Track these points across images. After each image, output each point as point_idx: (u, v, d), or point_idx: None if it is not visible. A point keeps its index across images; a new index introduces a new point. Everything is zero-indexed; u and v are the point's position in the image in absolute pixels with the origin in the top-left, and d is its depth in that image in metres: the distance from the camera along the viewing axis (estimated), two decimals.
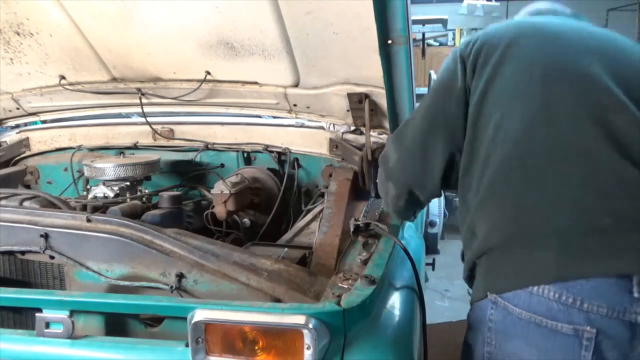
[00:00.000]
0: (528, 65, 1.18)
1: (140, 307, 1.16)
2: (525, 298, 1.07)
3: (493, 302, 1.13)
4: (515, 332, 1.09)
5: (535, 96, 1.15)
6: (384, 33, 1.37)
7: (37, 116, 2.56)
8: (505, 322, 1.11)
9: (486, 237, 1.15)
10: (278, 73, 1.95)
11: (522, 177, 1.12)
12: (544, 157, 1.11)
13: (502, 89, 1.18)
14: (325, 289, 1.20)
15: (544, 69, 1.16)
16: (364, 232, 1.48)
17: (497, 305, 1.12)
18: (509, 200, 1.13)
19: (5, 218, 1.44)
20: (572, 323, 1.02)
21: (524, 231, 1.10)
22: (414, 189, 1.36)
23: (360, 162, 1.93)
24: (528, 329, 1.07)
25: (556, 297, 1.03)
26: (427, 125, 1.30)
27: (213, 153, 2.42)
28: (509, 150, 1.14)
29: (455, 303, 3.94)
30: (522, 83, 1.17)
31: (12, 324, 1.34)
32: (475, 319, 1.20)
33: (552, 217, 1.07)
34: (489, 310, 1.14)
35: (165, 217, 1.86)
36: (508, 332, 1.11)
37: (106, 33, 1.95)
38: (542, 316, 1.05)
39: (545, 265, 1.05)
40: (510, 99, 1.17)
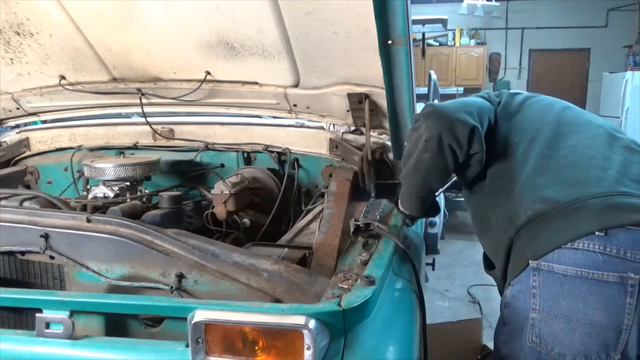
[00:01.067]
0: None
1: (140, 307, 1.16)
2: (569, 255, 1.16)
3: (535, 269, 1.21)
4: (562, 290, 1.17)
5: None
6: (384, 33, 1.37)
7: (37, 116, 2.56)
8: (551, 284, 1.19)
9: (528, 211, 1.28)
10: (278, 73, 1.95)
11: (558, 158, 1.35)
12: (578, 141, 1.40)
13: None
14: (325, 289, 1.20)
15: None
16: (364, 233, 1.48)
17: (539, 270, 1.21)
18: (550, 177, 1.30)
19: (6, 218, 1.44)
20: (617, 271, 1.12)
21: (564, 200, 1.23)
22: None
23: (360, 162, 1.93)
24: (574, 284, 1.15)
25: (601, 249, 1.14)
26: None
27: (213, 153, 2.42)
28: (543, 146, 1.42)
29: (455, 303, 3.94)
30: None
31: (12, 324, 1.34)
32: (516, 293, 1.28)
33: (587, 187, 1.23)
34: (531, 278, 1.22)
35: (165, 217, 1.86)
36: (553, 293, 1.18)
37: (106, 33, 1.95)
38: (588, 268, 1.14)
39: (586, 219, 1.17)
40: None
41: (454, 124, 1.38)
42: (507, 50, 11.11)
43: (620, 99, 8.25)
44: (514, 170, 1.41)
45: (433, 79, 4.96)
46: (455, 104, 1.49)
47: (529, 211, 1.28)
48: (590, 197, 1.22)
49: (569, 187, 1.27)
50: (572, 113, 1.56)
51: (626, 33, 10.12)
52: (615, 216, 1.16)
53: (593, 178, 1.27)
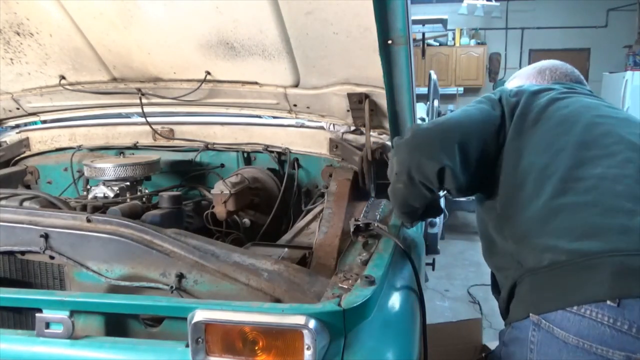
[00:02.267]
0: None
1: (140, 307, 1.16)
2: (574, 320, 1.03)
3: (535, 324, 1.11)
4: (560, 357, 1.06)
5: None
6: (384, 33, 1.37)
7: (37, 116, 2.56)
8: (549, 345, 1.08)
9: (536, 259, 1.14)
10: (278, 73, 1.95)
11: (574, 203, 1.16)
12: (596, 180, 1.16)
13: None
14: (325, 289, 1.20)
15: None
16: (364, 233, 1.48)
17: (539, 327, 1.10)
18: (566, 219, 1.14)
19: (6, 218, 1.44)
20: (625, 350, 0.98)
21: (577, 251, 1.07)
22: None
23: (360, 162, 1.93)
24: (575, 354, 1.03)
25: (610, 322, 0.99)
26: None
27: (213, 153, 2.42)
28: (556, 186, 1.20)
29: (455, 303, 3.94)
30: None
31: (12, 324, 1.34)
32: (514, 338, 1.18)
33: (607, 239, 1.05)
34: (530, 332, 1.12)
35: (165, 217, 1.86)
36: (552, 356, 1.07)
37: (106, 33, 1.95)
38: (592, 342, 1.00)
39: (599, 283, 1.01)
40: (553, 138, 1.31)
41: (422, 162, 1.30)
42: (507, 50, 11.12)
43: (620, 99, 8.25)
44: (524, 201, 1.24)
45: (433, 79, 4.96)
46: (436, 132, 1.35)
47: (537, 259, 1.14)
48: (608, 253, 1.03)
49: (585, 237, 1.08)
50: (604, 126, 1.29)
51: (626, 33, 10.13)
52: (633, 284, 0.99)
53: (616, 227, 1.06)
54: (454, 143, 1.30)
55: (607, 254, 1.03)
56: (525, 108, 1.39)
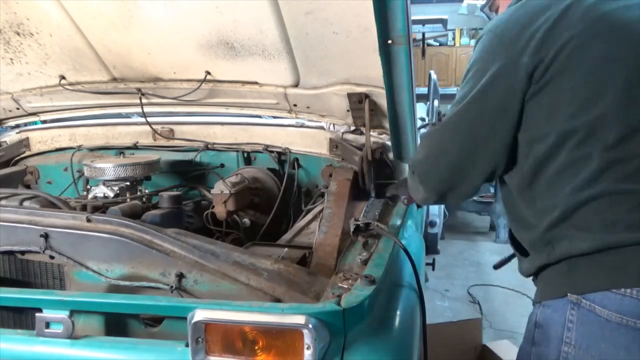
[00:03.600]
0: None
1: (140, 307, 1.16)
2: (616, 300, 1.06)
3: (574, 303, 1.12)
4: (603, 334, 1.08)
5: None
6: (384, 33, 1.37)
7: (37, 116, 2.56)
8: (590, 323, 1.10)
9: (574, 245, 1.13)
10: (278, 73, 1.95)
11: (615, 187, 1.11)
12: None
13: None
14: (325, 289, 1.20)
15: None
16: (364, 232, 1.48)
17: (579, 306, 1.11)
18: (605, 207, 1.11)
19: (5, 218, 1.44)
20: None
21: (617, 237, 1.08)
22: (448, 193, 1.32)
23: (360, 162, 1.93)
24: (618, 331, 1.06)
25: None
26: (472, 127, 1.23)
27: (213, 153, 2.42)
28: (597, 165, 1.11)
29: (455, 303, 3.95)
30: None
31: (12, 324, 1.34)
32: (548, 317, 1.18)
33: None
34: (568, 311, 1.13)
35: (165, 217, 1.86)
36: (593, 333, 1.09)
37: (106, 33, 1.95)
38: (635, 318, 1.04)
39: (633, 271, 1.05)
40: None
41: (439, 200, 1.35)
42: None
43: None
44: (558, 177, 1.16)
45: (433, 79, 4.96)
46: (439, 169, 1.28)
47: (575, 244, 1.13)
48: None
49: (627, 230, 1.08)
50: None
51: None
52: None
53: None
54: (461, 180, 1.27)
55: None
56: (548, 65, 1.14)
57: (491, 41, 1.22)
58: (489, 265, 4.17)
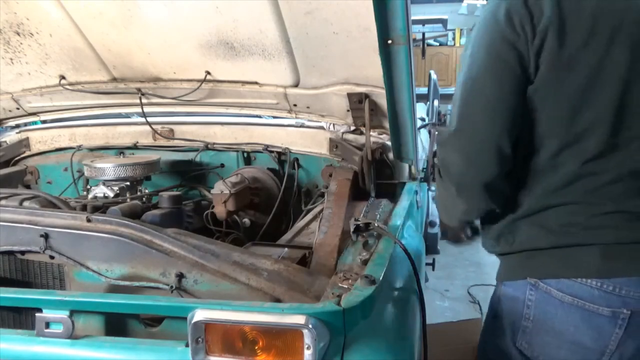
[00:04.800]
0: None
1: (140, 307, 1.16)
2: (568, 284, 1.19)
3: (533, 285, 1.25)
4: (556, 312, 1.22)
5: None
6: (384, 33, 1.37)
7: (37, 116, 2.56)
8: (546, 303, 1.23)
9: (532, 241, 1.25)
10: (278, 73, 1.95)
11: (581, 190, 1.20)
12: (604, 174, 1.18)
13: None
14: (325, 289, 1.19)
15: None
16: (364, 232, 1.48)
17: (537, 288, 1.24)
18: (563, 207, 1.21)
19: (5, 218, 1.44)
20: (610, 307, 1.17)
21: (574, 239, 1.20)
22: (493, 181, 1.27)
23: (360, 162, 1.93)
24: (569, 310, 1.20)
25: (598, 286, 1.17)
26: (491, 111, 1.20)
27: (213, 153, 2.42)
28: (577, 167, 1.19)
29: (455, 303, 3.94)
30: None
31: (12, 324, 1.34)
32: (508, 294, 1.32)
33: (599, 230, 1.18)
34: (527, 291, 1.26)
35: (165, 217, 1.86)
36: (549, 312, 1.23)
37: (106, 33, 1.95)
38: (583, 300, 1.18)
39: (592, 263, 1.18)
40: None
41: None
42: None
43: None
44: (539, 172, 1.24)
45: (433, 79, 4.96)
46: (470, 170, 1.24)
47: (533, 237, 1.25)
48: (600, 237, 1.18)
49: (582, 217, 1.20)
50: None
51: None
52: (619, 268, 1.17)
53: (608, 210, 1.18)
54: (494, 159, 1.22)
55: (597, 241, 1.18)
56: (553, 58, 1.14)
57: (498, 23, 1.16)
58: (489, 265, 4.17)
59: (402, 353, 1.16)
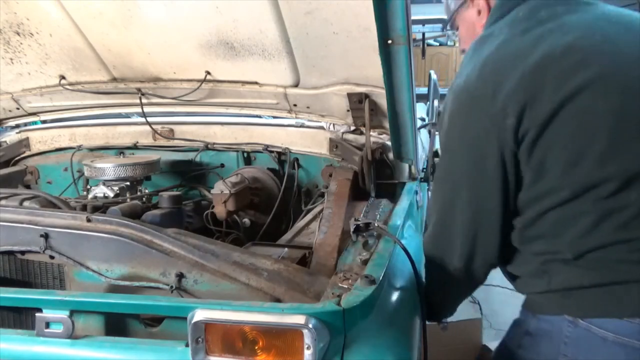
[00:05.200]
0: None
1: (140, 307, 1.16)
2: (612, 322, 1.11)
3: (571, 322, 1.16)
4: (599, 350, 1.13)
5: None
6: (384, 33, 1.37)
7: (37, 116, 2.56)
8: (587, 340, 1.15)
9: (572, 280, 1.16)
10: (278, 73, 1.95)
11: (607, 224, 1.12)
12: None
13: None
14: (325, 289, 1.19)
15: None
16: (364, 232, 1.48)
17: (576, 325, 1.16)
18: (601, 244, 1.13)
19: (5, 218, 1.44)
20: None
21: (614, 275, 1.12)
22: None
23: (360, 162, 1.93)
24: (613, 349, 1.12)
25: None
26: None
27: (213, 153, 2.42)
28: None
29: None
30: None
31: (12, 324, 1.34)
32: (542, 329, 1.23)
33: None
34: (565, 327, 1.17)
35: (165, 217, 1.86)
36: (591, 349, 1.14)
37: (106, 33, 1.95)
38: (630, 338, 1.10)
39: (636, 302, 1.10)
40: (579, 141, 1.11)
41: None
42: None
43: None
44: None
45: (433, 79, 4.94)
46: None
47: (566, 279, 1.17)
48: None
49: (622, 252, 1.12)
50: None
51: None
52: None
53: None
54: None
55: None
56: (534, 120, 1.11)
57: (466, 103, 1.17)
58: None
59: (402, 353, 1.16)
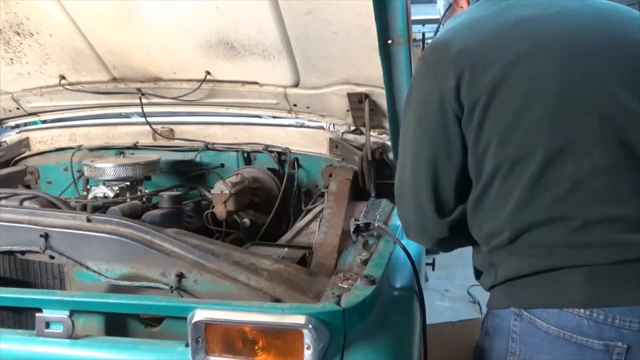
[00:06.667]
0: (537, 93, 1.07)
1: (140, 307, 1.16)
2: (554, 314, 1.06)
3: (517, 315, 1.12)
4: (542, 345, 1.09)
5: (552, 125, 1.06)
6: (384, 33, 1.37)
7: (37, 116, 2.56)
8: (531, 335, 1.10)
9: (514, 269, 1.12)
10: (278, 73, 1.95)
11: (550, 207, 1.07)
12: (571, 192, 1.05)
13: (503, 114, 1.09)
14: (325, 289, 1.20)
15: (558, 97, 1.06)
16: (364, 232, 1.48)
17: (521, 317, 1.11)
18: (541, 232, 1.08)
19: (5, 218, 1.44)
20: (602, 339, 1.02)
21: (556, 261, 1.06)
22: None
23: (360, 162, 1.93)
24: (556, 343, 1.06)
25: (587, 314, 1.02)
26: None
27: (213, 153, 2.43)
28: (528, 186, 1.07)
29: (455, 303, 3.94)
30: (527, 112, 1.07)
31: (12, 324, 1.34)
32: (495, 325, 1.19)
33: (582, 249, 1.04)
34: (512, 321, 1.13)
35: (165, 217, 1.86)
36: (534, 345, 1.10)
37: (106, 33, 1.95)
38: (571, 332, 1.04)
39: (577, 291, 1.04)
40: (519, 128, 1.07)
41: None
42: None
43: None
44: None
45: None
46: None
47: (515, 268, 1.12)
48: (584, 261, 1.03)
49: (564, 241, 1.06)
50: (587, 82, 1.05)
51: None
52: (609, 294, 1.02)
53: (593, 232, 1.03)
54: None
55: (582, 266, 1.04)
56: (472, 90, 1.10)
57: (421, 68, 1.21)
58: None
59: (402, 353, 1.16)
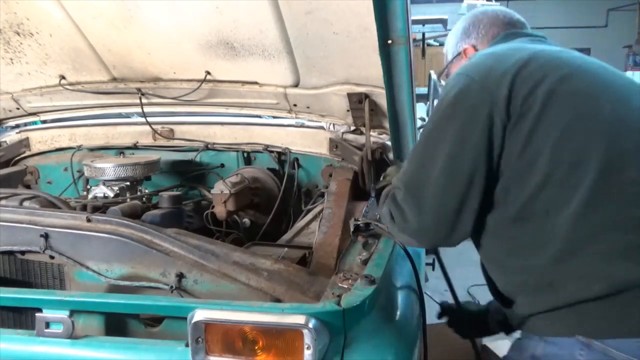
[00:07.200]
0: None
1: (140, 307, 1.16)
2: (631, 344, 1.03)
3: (584, 344, 1.07)
4: None
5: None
6: (384, 33, 1.37)
7: (37, 116, 2.56)
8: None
9: (580, 290, 1.07)
10: (278, 73, 1.95)
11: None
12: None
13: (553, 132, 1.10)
14: (325, 289, 1.20)
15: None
16: (364, 232, 1.48)
17: (590, 347, 1.07)
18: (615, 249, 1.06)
19: (5, 218, 1.44)
20: None
21: (631, 282, 1.04)
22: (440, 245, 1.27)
23: (360, 162, 1.93)
24: None
25: None
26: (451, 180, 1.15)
27: (213, 153, 2.43)
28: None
29: None
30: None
31: (12, 324, 1.34)
32: (551, 355, 1.13)
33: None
34: (577, 351, 1.08)
35: (165, 217, 1.86)
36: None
37: (106, 33, 1.95)
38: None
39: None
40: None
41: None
42: None
43: None
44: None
45: (433, 79, 4.95)
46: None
47: (582, 287, 1.07)
48: None
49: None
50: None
51: (626, 33, 10.15)
52: None
53: None
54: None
55: None
56: (521, 112, 1.12)
57: (463, 80, 1.18)
58: None
59: (402, 353, 1.16)
